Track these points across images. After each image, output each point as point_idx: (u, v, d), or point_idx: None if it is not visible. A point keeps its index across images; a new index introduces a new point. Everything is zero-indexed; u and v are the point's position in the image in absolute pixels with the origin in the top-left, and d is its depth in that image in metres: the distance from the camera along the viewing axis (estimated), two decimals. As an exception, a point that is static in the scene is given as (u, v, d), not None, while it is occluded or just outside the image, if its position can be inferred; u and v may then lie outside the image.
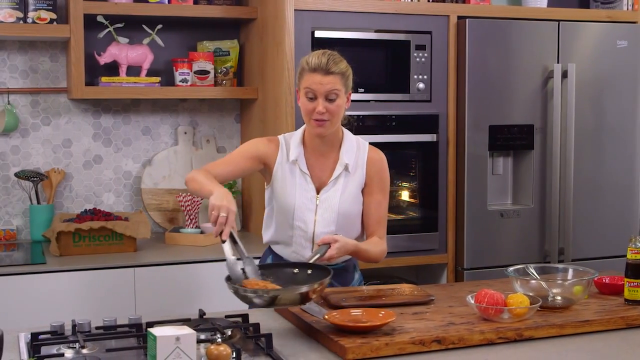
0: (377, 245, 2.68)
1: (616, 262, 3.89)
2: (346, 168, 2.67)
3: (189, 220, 3.83)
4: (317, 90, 2.55)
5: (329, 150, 2.68)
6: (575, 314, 2.36)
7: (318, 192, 2.67)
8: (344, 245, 2.48)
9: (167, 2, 3.75)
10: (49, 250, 3.52)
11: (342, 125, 2.72)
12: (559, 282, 2.51)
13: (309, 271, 2.35)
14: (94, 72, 3.76)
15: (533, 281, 2.50)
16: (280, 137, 2.74)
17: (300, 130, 2.72)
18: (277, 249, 2.77)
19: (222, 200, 2.34)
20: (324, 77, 2.54)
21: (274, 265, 2.59)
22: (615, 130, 4.07)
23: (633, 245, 2.51)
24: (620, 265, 3.73)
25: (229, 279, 2.27)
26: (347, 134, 2.73)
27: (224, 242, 2.33)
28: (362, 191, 2.70)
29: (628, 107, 4.09)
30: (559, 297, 2.44)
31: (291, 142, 2.69)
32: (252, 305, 2.31)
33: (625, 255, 3.89)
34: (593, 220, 4.04)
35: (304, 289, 2.15)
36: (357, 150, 2.70)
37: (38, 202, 3.79)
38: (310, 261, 2.41)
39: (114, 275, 3.32)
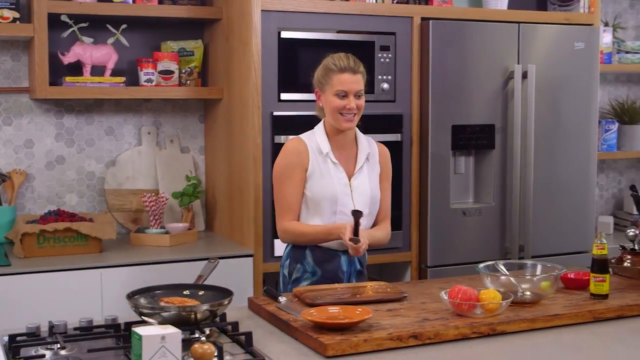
0: (381, 230, 3.01)
1: (574, 258, 3.99)
2: (367, 157, 2.98)
3: (154, 221, 3.82)
4: (349, 89, 2.86)
5: (349, 143, 2.97)
6: (544, 309, 2.42)
7: (348, 179, 2.93)
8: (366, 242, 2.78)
9: (131, 2, 3.74)
10: (12, 252, 3.48)
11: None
12: (528, 277, 2.57)
13: (201, 292, 2.41)
14: (57, 71, 3.73)
15: (503, 277, 2.56)
16: (302, 137, 2.97)
17: (321, 127, 2.98)
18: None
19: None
20: (353, 77, 2.88)
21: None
22: (572, 129, 4.17)
23: (598, 241, 2.58)
24: (579, 260, 3.85)
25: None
26: (357, 129, 3.02)
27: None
28: None
29: (584, 107, 4.19)
30: (528, 292, 2.50)
31: (317, 138, 2.94)
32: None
33: (583, 251, 4.05)
34: (552, 218, 4.13)
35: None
36: (368, 143, 3.02)
37: (0, 204, 3.75)
38: None
39: (80, 277, 3.30)
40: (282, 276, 2.99)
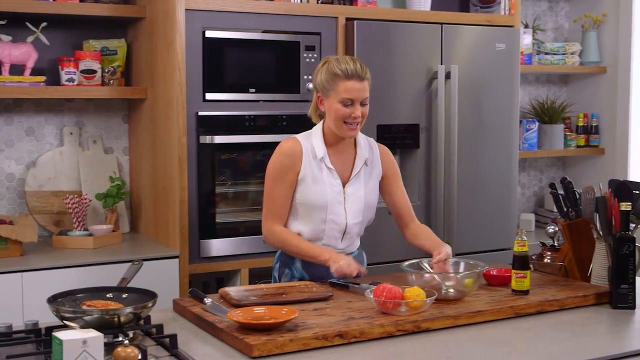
0: (427, 228, 3.03)
1: (498, 255, 4.07)
2: (365, 162, 2.88)
3: (77, 223, 3.75)
4: (356, 97, 2.73)
5: (347, 147, 2.87)
6: (467, 305, 2.46)
7: (343, 186, 2.85)
8: (449, 250, 2.78)
9: (52, 0, 3.66)
10: None
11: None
12: (452, 275, 2.60)
13: (124, 295, 2.38)
14: (-26, 70, 3.63)
15: (427, 275, 2.59)
16: (299, 138, 2.86)
17: (318, 130, 2.87)
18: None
19: (351, 264, 2.73)
20: (360, 84, 2.73)
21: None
22: (494, 129, 4.25)
23: (519, 238, 2.64)
24: (502, 257, 3.93)
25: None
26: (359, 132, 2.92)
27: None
28: (382, 184, 2.95)
29: (506, 106, 4.28)
30: (451, 290, 2.53)
31: (313, 141, 2.84)
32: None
33: (505, 248, 4.13)
34: (475, 216, 4.21)
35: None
36: (369, 146, 2.92)
37: None
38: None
39: (0, 281, 3.21)
40: (273, 278, 2.97)
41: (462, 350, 2.18)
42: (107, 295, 2.35)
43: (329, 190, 2.81)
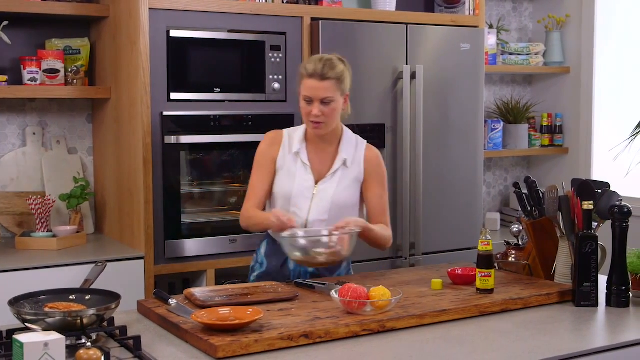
0: (384, 229, 2.93)
1: (464, 254, 4.10)
2: (344, 163, 2.89)
3: (40, 224, 3.71)
4: (314, 96, 2.77)
5: (328, 145, 2.91)
6: (432, 304, 2.47)
7: (317, 183, 2.87)
8: (355, 222, 2.72)
9: (13, -2, 3.62)
10: None
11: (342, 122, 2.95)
12: (325, 241, 2.66)
13: (87, 297, 2.36)
14: None
15: (302, 241, 2.67)
16: (285, 131, 2.97)
17: (303, 126, 2.94)
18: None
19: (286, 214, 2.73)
20: (319, 83, 2.77)
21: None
22: (459, 128, 4.28)
23: (483, 238, 2.65)
24: (468, 256, 3.95)
25: None
26: (347, 132, 2.97)
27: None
28: (362, 187, 2.93)
29: (471, 106, 4.31)
30: (322, 256, 2.65)
31: (294, 136, 2.92)
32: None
33: (471, 247, 4.16)
34: (441, 215, 4.23)
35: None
36: (355, 146, 2.93)
37: None
38: None
39: (-39, 283, 3.17)
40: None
41: (427, 350, 2.18)
42: (70, 297, 2.33)
43: (297, 184, 2.86)
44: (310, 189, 2.87)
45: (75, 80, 3.86)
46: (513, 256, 3.00)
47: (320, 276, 2.87)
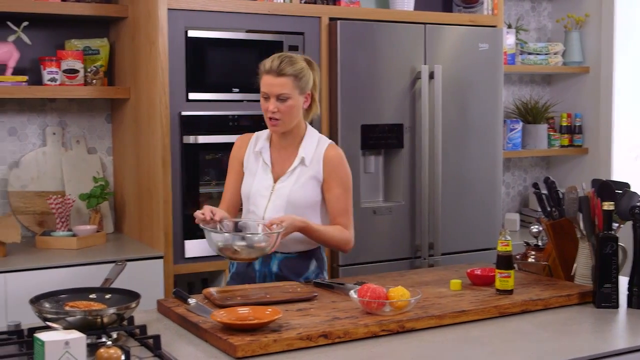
0: (337, 230, 2.86)
1: (483, 255, 4.08)
2: (302, 161, 2.85)
3: (60, 223, 3.73)
4: (269, 92, 2.77)
5: (290, 145, 2.89)
6: (452, 305, 2.46)
7: (277, 181, 2.86)
8: (291, 222, 2.68)
9: (33, -1, 3.64)
10: None
11: (310, 123, 2.95)
12: (249, 235, 2.64)
13: (107, 296, 2.37)
14: (-45, 70, 3.60)
15: (226, 234, 2.65)
16: (257, 133, 2.98)
17: None
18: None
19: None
20: (275, 79, 2.76)
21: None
22: (478, 128, 4.26)
23: (503, 238, 2.64)
24: (487, 257, 3.93)
25: None
26: (311, 131, 2.93)
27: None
28: (322, 187, 2.87)
29: (489, 106, 4.29)
30: (242, 249, 2.59)
31: (260, 136, 2.94)
32: None
33: (490, 248, 4.14)
34: (460, 215, 4.21)
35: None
36: (316, 145, 2.89)
37: None
38: None
39: (-18, 282, 3.20)
40: None
41: (447, 350, 2.18)
42: (90, 296, 2.34)
43: (256, 183, 2.88)
44: (269, 187, 2.86)
45: (94, 81, 3.88)
46: (533, 257, 2.99)
47: (284, 278, 2.81)
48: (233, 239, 2.61)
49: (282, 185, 2.85)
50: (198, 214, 2.69)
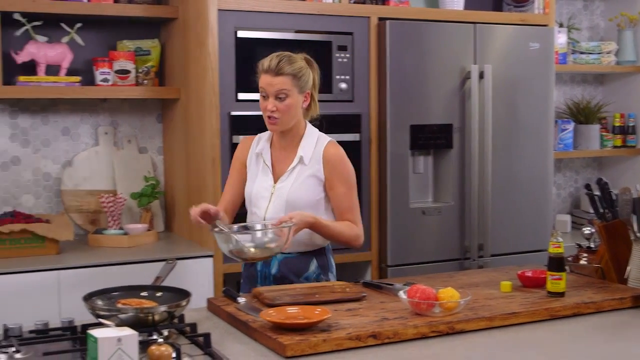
0: (346, 226, 2.82)
1: (533, 256, 4.03)
2: (301, 160, 2.82)
3: (112, 222, 3.78)
4: (268, 90, 2.74)
5: (289, 144, 2.86)
6: (502, 307, 2.44)
7: (277, 182, 2.83)
8: (301, 218, 2.64)
9: (86, 1, 3.70)
10: (-34, 254, 3.43)
11: (311, 123, 2.92)
12: (258, 237, 2.63)
13: (158, 294, 2.40)
14: (11, 71, 3.66)
15: (236, 235, 2.63)
16: (259, 135, 2.95)
17: None
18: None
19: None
20: (273, 78, 2.73)
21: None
22: (529, 129, 4.21)
23: (554, 240, 2.60)
24: (537, 258, 3.89)
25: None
26: (310, 130, 2.89)
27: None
28: (325, 186, 2.83)
29: (540, 106, 4.24)
30: (252, 249, 2.59)
31: (262, 137, 2.92)
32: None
33: (541, 249, 4.09)
34: (510, 216, 4.17)
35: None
36: (315, 144, 2.85)
37: (-47, 205, 3.69)
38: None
39: (37, 279, 3.25)
40: None
41: (498, 353, 2.16)
42: (142, 294, 2.37)
43: (256, 185, 2.85)
44: (269, 188, 2.83)
45: (145, 81, 3.93)
46: (585, 259, 2.95)
47: (284, 278, 2.79)
48: (243, 241, 2.60)
49: (282, 186, 2.82)
50: (192, 214, 2.68)
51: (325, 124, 3.75)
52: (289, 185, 2.81)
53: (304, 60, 2.83)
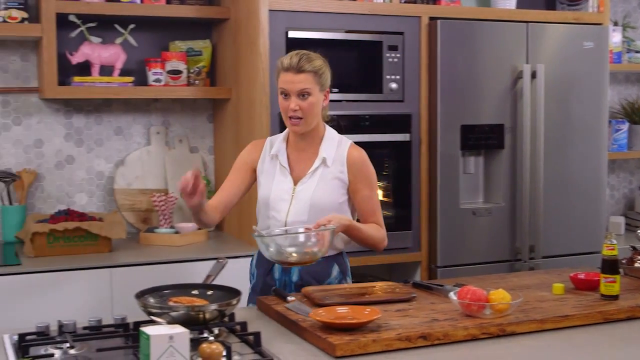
0: (374, 229, 2.78)
1: (585, 259, 3.97)
2: (324, 162, 2.75)
3: (163, 220, 3.83)
4: (290, 89, 2.67)
5: (309, 146, 2.79)
6: (554, 309, 2.41)
7: (297, 184, 2.76)
8: (339, 221, 2.60)
9: (139, 2, 3.74)
10: (22, 251, 3.49)
11: (327, 123, 2.83)
12: (301, 241, 2.55)
13: (209, 292, 2.40)
14: (66, 71, 3.73)
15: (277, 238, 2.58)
16: (270, 137, 2.89)
17: (286, 131, 2.85)
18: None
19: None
20: (295, 76, 2.66)
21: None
22: (582, 129, 4.15)
23: (608, 242, 2.56)
24: (590, 261, 3.83)
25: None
26: (330, 131, 2.83)
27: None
28: (349, 189, 2.77)
29: (594, 106, 4.17)
30: (295, 254, 2.51)
31: (277, 139, 2.84)
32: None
33: (594, 251, 4.03)
34: (562, 218, 4.11)
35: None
36: (337, 146, 2.79)
37: (10, 203, 3.76)
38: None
39: (90, 276, 3.31)
40: None
41: (550, 356, 2.13)
42: (193, 292, 2.39)
43: (274, 187, 2.76)
44: (289, 190, 2.75)
45: (197, 81, 3.96)
46: (639, 262, 2.89)
47: (306, 285, 2.68)
48: (283, 245, 2.54)
49: (303, 188, 2.74)
50: (179, 184, 2.56)
51: (375, 124, 3.77)
52: (312, 187, 2.73)
53: (320, 59, 2.74)
